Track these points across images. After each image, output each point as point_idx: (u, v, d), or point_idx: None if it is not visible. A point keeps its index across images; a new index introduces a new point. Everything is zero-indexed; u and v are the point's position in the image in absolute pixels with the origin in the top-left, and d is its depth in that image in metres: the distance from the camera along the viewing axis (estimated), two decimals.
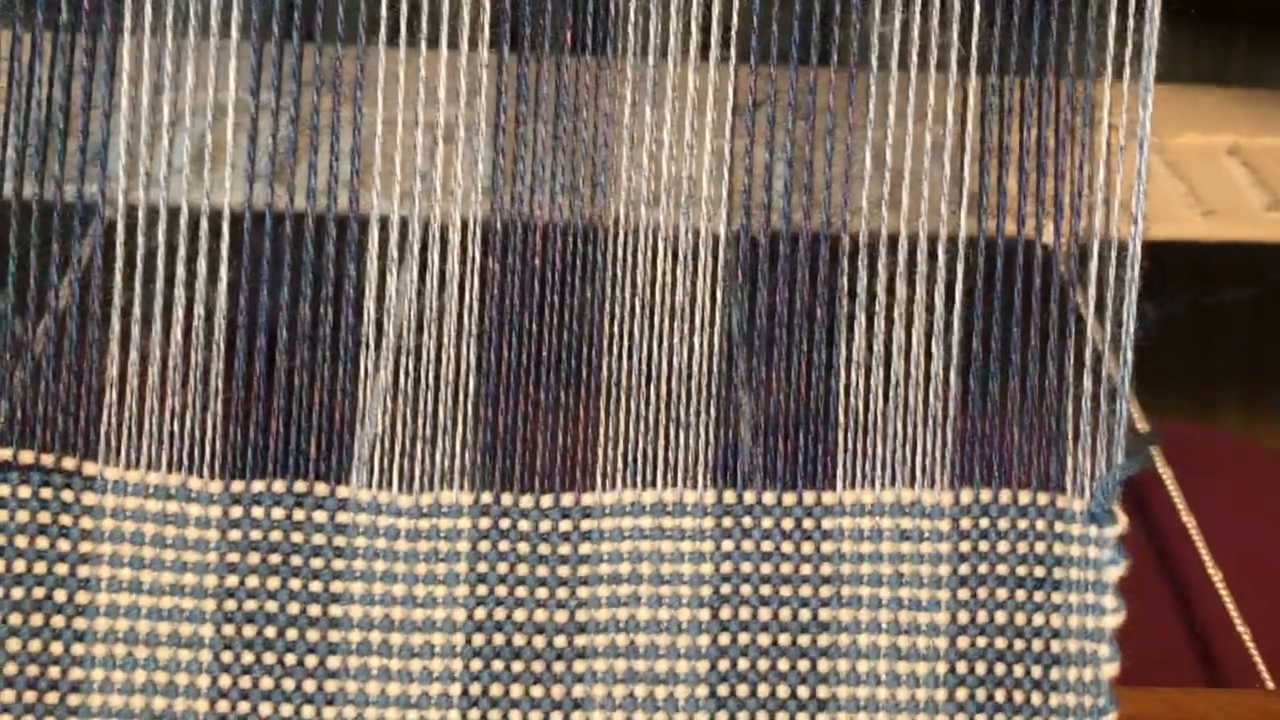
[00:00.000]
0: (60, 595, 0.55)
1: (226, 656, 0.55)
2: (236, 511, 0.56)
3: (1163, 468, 0.67)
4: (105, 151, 0.56)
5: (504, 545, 0.56)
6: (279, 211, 0.56)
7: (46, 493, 0.55)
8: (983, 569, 0.56)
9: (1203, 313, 0.63)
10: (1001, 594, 0.56)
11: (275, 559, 0.56)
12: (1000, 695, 0.56)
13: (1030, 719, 0.56)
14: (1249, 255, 0.72)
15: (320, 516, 0.56)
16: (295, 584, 0.56)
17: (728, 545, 0.56)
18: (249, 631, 0.55)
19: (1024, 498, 0.56)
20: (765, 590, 0.56)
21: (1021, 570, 0.56)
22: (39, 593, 0.55)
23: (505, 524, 0.56)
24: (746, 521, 0.56)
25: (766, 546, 0.56)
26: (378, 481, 0.56)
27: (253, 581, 0.55)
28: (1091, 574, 0.56)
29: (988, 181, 0.57)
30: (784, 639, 0.56)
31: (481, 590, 0.56)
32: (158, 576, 0.55)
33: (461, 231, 0.56)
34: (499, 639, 0.56)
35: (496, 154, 0.56)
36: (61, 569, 0.55)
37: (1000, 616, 0.56)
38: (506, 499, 0.56)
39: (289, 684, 0.55)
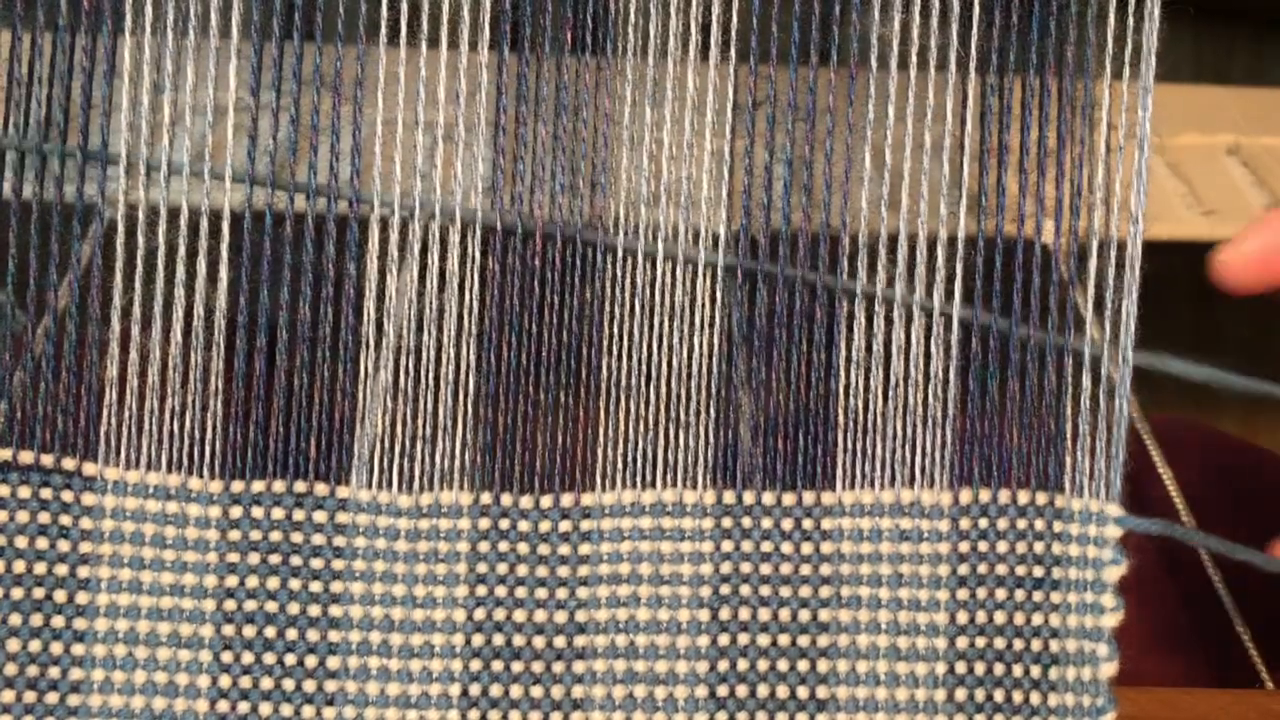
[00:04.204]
0: (60, 596, 0.55)
1: (226, 657, 0.55)
2: (236, 512, 0.56)
3: (1162, 468, 0.67)
4: (105, 151, 0.56)
5: (504, 546, 0.56)
6: (279, 211, 0.56)
7: (46, 493, 0.55)
8: (982, 569, 0.56)
9: (1203, 312, 0.63)
10: (1001, 594, 0.56)
11: (275, 559, 0.56)
12: (999, 695, 0.56)
13: (1029, 719, 0.56)
14: None
15: (320, 517, 0.56)
16: (295, 584, 0.56)
17: (727, 546, 0.56)
18: (249, 632, 0.55)
19: (1023, 497, 0.56)
20: (765, 591, 0.56)
21: (1021, 570, 0.56)
22: (39, 593, 0.55)
23: (505, 524, 0.56)
24: (746, 522, 0.56)
25: (766, 547, 0.56)
26: (377, 482, 0.56)
27: (253, 582, 0.55)
28: (1091, 573, 0.56)
29: (987, 181, 0.57)
30: (784, 639, 0.56)
31: (481, 591, 0.56)
32: (158, 577, 0.55)
33: (461, 231, 0.56)
34: (499, 639, 0.56)
35: (496, 154, 0.56)
36: (61, 569, 0.55)
37: (1000, 617, 0.56)
38: (506, 499, 0.56)
39: (289, 684, 0.55)
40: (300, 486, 0.56)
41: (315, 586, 0.56)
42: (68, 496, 0.55)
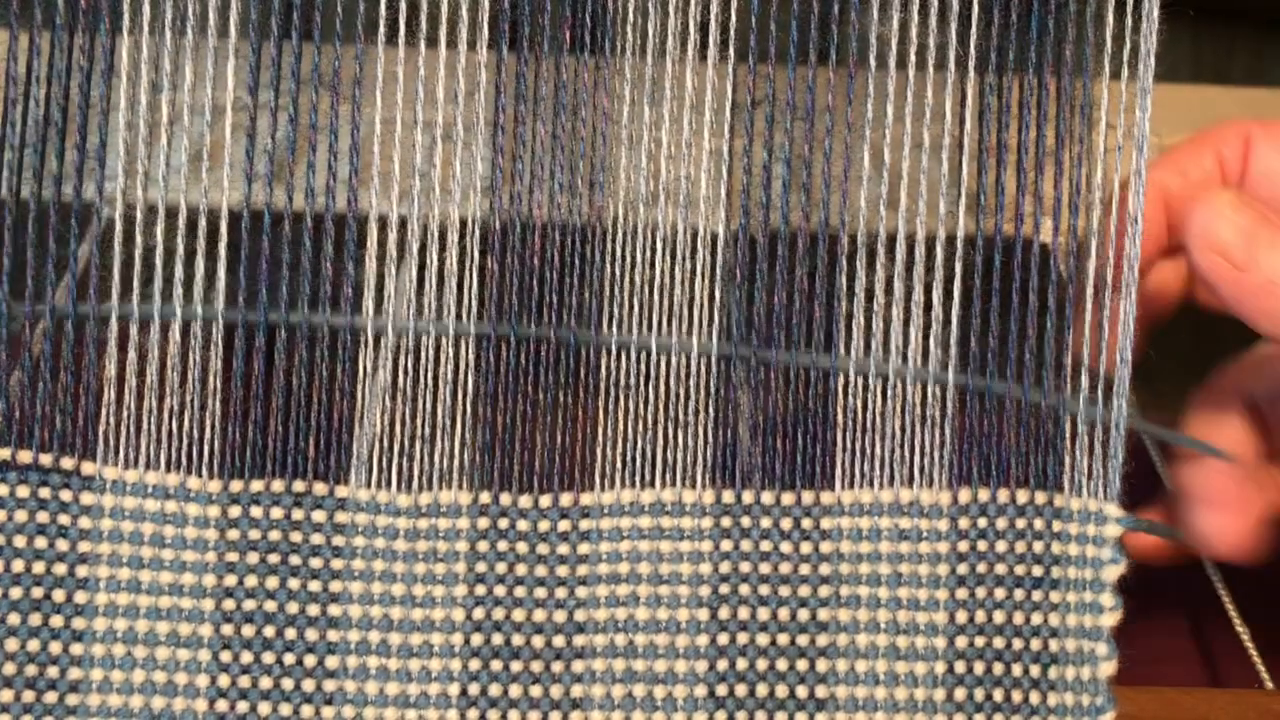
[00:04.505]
0: (59, 595, 0.55)
1: (225, 656, 0.55)
2: (235, 511, 0.56)
3: (1162, 468, 0.67)
4: (104, 151, 0.56)
5: (503, 545, 0.56)
6: (278, 211, 0.56)
7: (45, 492, 0.55)
8: (981, 568, 0.56)
9: (1203, 311, 0.63)
10: (1000, 593, 0.56)
11: (274, 558, 0.56)
12: (999, 695, 0.56)
13: (1029, 718, 0.56)
14: None
15: (319, 516, 0.56)
16: (294, 584, 0.56)
17: (727, 545, 0.56)
18: (248, 631, 0.55)
19: (1022, 497, 0.56)
20: (764, 590, 0.56)
21: (1020, 569, 0.56)
22: (38, 592, 0.55)
23: (504, 524, 0.56)
24: (745, 521, 0.56)
25: (765, 546, 0.56)
26: (377, 481, 0.56)
27: (251, 581, 0.55)
28: (1090, 573, 0.56)
29: (986, 180, 0.57)
30: (783, 639, 0.56)
31: (480, 590, 0.56)
32: (156, 576, 0.55)
33: (460, 231, 0.56)
34: (498, 639, 0.56)
35: (495, 153, 0.56)
36: (60, 569, 0.55)
37: (999, 616, 0.56)
38: (505, 499, 0.56)
39: (288, 684, 0.55)
40: (299, 486, 0.56)
41: (314, 586, 0.56)
42: (66, 496, 0.55)
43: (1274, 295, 0.56)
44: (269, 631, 0.55)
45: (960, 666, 0.56)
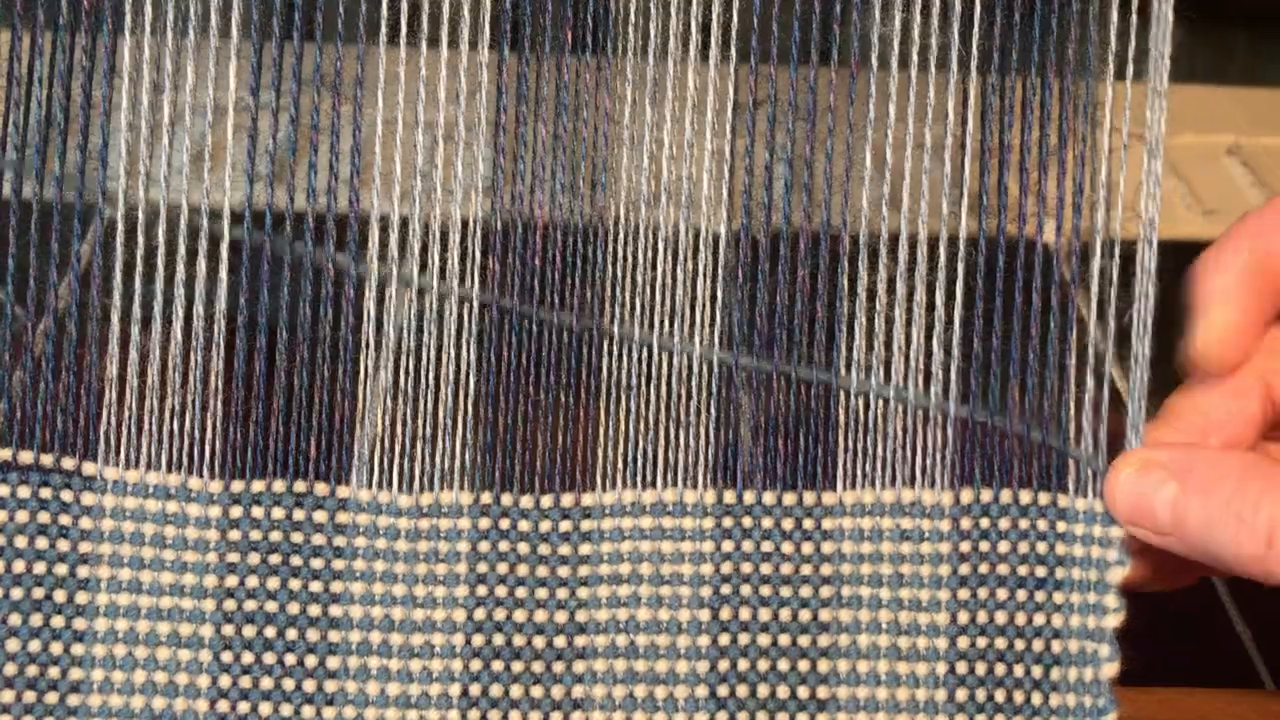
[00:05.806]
0: (60, 595, 0.55)
1: (226, 657, 0.55)
2: (236, 511, 0.56)
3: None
4: (105, 151, 0.56)
5: (504, 545, 0.56)
6: (279, 211, 0.56)
7: (46, 493, 0.55)
8: (983, 569, 0.56)
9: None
10: (1002, 594, 0.56)
11: (275, 559, 0.56)
12: (1000, 695, 0.56)
13: (1030, 719, 0.56)
14: None
15: (320, 516, 0.56)
16: (295, 584, 0.56)
17: (728, 545, 0.56)
18: (249, 632, 0.55)
19: (1025, 497, 0.56)
20: (765, 590, 0.56)
21: (1023, 570, 0.56)
22: (38, 593, 0.55)
23: (505, 524, 0.56)
24: (746, 522, 0.56)
25: (766, 547, 0.56)
26: (378, 481, 0.56)
27: (252, 582, 0.55)
28: (1094, 574, 0.55)
29: (988, 181, 0.57)
30: (784, 639, 0.56)
31: (481, 591, 0.56)
32: (157, 577, 0.55)
33: (461, 231, 0.56)
34: (499, 639, 0.56)
35: (496, 154, 0.56)
36: (61, 569, 0.55)
37: (1000, 617, 0.56)
38: (506, 499, 0.56)
39: (289, 684, 0.55)
40: (300, 486, 0.56)
41: (315, 586, 0.56)
42: (67, 496, 0.55)
43: (1211, 548, 0.53)
44: (270, 632, 0.55)
45: (962, 667, 0.56)
